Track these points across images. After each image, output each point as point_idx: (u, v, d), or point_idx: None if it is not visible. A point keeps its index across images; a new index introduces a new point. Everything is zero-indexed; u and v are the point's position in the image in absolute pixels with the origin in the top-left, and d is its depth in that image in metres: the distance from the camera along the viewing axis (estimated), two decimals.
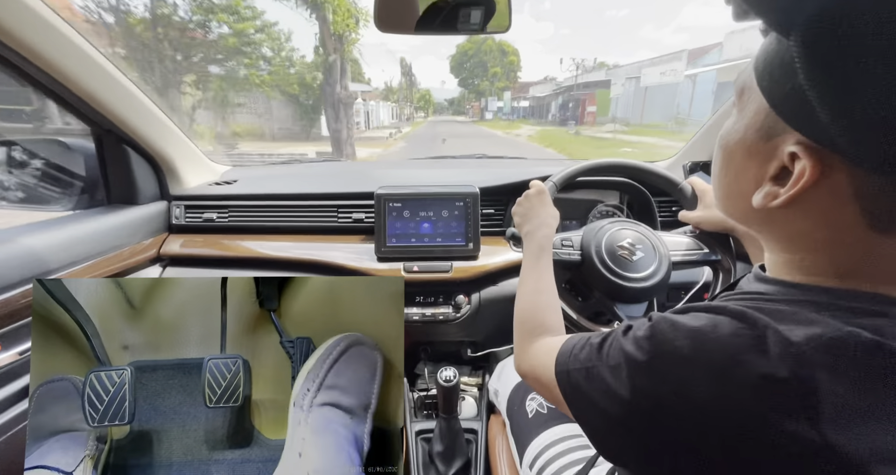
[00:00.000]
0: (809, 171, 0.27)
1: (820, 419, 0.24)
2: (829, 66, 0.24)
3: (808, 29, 0.24)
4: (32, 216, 0.91)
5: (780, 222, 0.33)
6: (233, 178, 1.23)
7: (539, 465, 0.67)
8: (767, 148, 0.31)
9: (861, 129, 0.24)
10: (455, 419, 0.93)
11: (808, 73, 0.25)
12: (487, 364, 1.23)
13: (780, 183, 0.30)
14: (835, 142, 0.26)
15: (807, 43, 0.25)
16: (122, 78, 0.86)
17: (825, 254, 0.31)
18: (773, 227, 0.34)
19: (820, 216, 0.29)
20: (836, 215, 0.29)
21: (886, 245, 0.28)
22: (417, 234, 1.03)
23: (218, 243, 1.09)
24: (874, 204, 0.27)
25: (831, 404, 0.24)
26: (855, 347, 0.25)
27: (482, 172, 1.25)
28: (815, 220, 0.30)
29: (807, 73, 0.25)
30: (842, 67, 0.24)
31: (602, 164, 0.86)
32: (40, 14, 0.68)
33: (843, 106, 0.24)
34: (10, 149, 0.94)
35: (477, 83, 52.63)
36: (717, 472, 0.28)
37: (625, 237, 0.77)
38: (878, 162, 0.25)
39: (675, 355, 0.30)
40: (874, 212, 0.27)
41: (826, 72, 0.24)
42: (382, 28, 0.76)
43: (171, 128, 1.04)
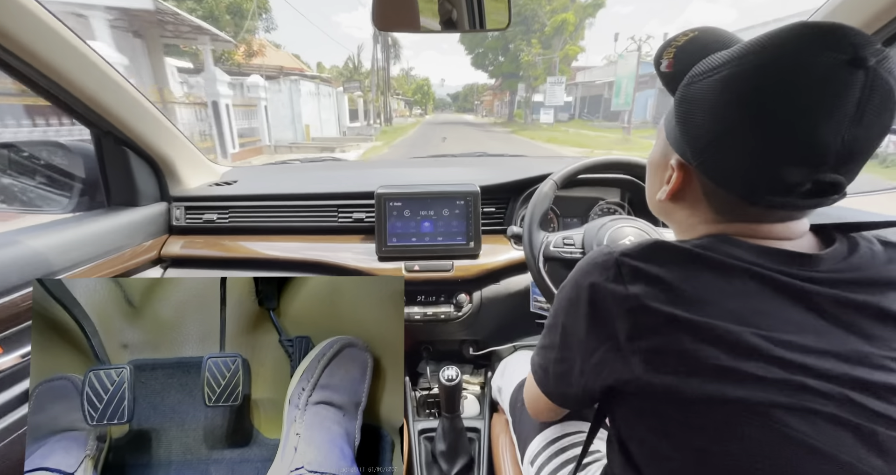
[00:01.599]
0: (676, 176, 0.44)
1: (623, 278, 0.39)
2: (683, 114, 0.40)
3: (677, 95, 0.41)
4: (33, 219, 0.91)
5: (671, 213, 0.49)
6: (233, 179, 1.23)
7: (540, 462, 0.67)
8: (664, 162, 0.46)
9: (698, 152, 0.40)
10: (457, 418, 0.92)
11: (676, 117, 0.41)
12: (489, 363, 1.23)
13: (668, 185, 0.46)
14: (689, 159, 0.41)
15: (676, 102, 0.41)
16: (121, 79, 0.86)
17: (695, 232, 0.45)
18: (668, 215, 0.50)
19: (689, 209, 0.46)
20: (697, 208, 0.44)
21: (725, 224, 0.43)
22: (418, 234, 1.03)
23: (219, 244, 1.09)
24: (715, 199, 0.42)
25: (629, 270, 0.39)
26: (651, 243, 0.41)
27: (483, 171, 1.25)
28: (688, 211, 0.46)
29: (676, 117, 0.41)
30: (686, 115, 0.40)
31: (603, 161, 0.86)
32: (39, 17, 0.68)
33: (688, 138, 0.40)
34: (9, 151, 0.95)
35: (518, 56, 25.25)
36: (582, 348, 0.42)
37: (626, 234, 0.77)
38: (709, 173, 0.40)
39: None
40: (715, 205, 0.42)
41: (681, 117, 0.41)
42: (381, 26, 0.76)
43: (170, 129, 1.04)
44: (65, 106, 0.83)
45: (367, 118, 23.39)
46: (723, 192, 0.40)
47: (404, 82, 52.34)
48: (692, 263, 0.38)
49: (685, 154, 0.42)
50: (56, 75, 0.75)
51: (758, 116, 0.35)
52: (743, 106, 0.35)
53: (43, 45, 0.70)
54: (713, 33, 0.43)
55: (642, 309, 0.37)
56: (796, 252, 0.39)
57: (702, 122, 0.38)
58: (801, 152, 0.35)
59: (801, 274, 0.37)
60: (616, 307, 0.38)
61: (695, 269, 0.38)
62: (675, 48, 0.43)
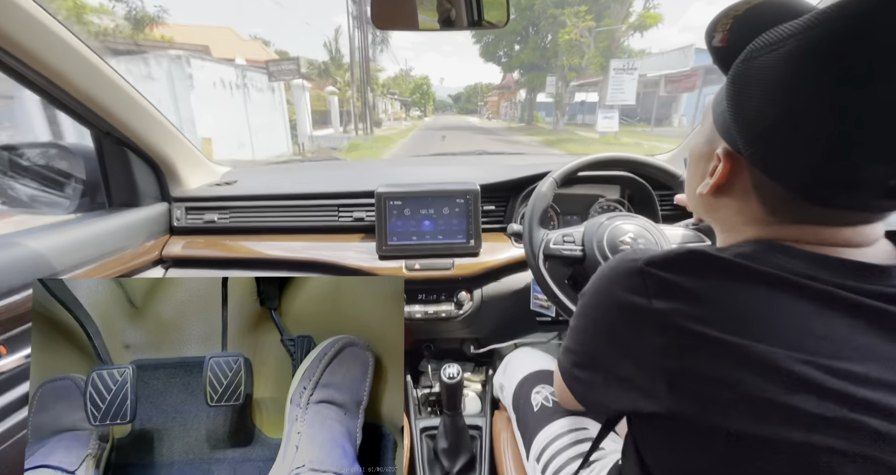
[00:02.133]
0: (723, 167, 0.38)
1: (648, 290, 0.35)
2: (737, 94, 0.34)
3: (731, 72, 0.35)
4: (34, 220, 0.91)
5: (713, 210, 0.44)
6: (233, 179, 1.23)
7: (546, 458, 0.67)
8: (708, 152, 0.41)
9: (752, 139, 0.34)
10: (459, 416, 0.92)
11: (728, 98, 0.35)
12: (490, 360, 1.23)
13: (712, 178, 0.41)
14: (740, 148, 0.36)
15: (729, 80, 0.35)
16: (120, 80, 0.86)
17: (742, 233, 0.41)
18: (710, 213, 0.45)
19: (735, 206, 0.40)
20: (745, 203, 0.39)
21: (777, 227, 0.37)
22: (419, 232, 1.03)
23: (220, 244, 1.09)
24: (767, 195, 0.36)
25: (655, 282, 0.35)
26: (683, 251, 0.36)
27: (482, 169, 1.25)
28: (733, 209, 0.41)
29: (728, 98, 0.35)
30: (741, 96, 0.34)
31: (602, 158, 0.86)
32: (38, 18, 0.68)
33: (742, 123, 0.35)
34: (10, 153, 0.95)
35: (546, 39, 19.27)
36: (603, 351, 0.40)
37: (626, 231, 0.77)
38: (763, 163, 0.35)
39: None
40: (768, 202, 0.37)
41: (735, 98, 0.35)
42: (379, 24, 0.76)
43: (170, 130, 1.04)
44: (64, 106, 0.83)
45: (343, 122, 16.60)
46: (779, 186, 0.34)
47: (402, 81, 49.05)
48: (731, 275, 0.33)
49: (735, 142, 0.36)
50: (55, 76, 0.75)
51: (842, 95, 0.28)
52: (822, 83, 0.29)
53: (41, 46, 0.70)
54: (779, 1, 0.35)
55: (669, 326, 0.33)
56: (865, 263, 0.32)
57: (760, 103, 0.32)
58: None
59: (871, 289, 0.31)
60: (639, 323, 0.35)
61: (734, 283, 0.33)
62: (732, 19, 0.37)
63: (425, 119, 46.10)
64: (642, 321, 0.34)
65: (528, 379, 0.82)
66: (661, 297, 0.34)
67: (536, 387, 0.79)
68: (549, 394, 0.76)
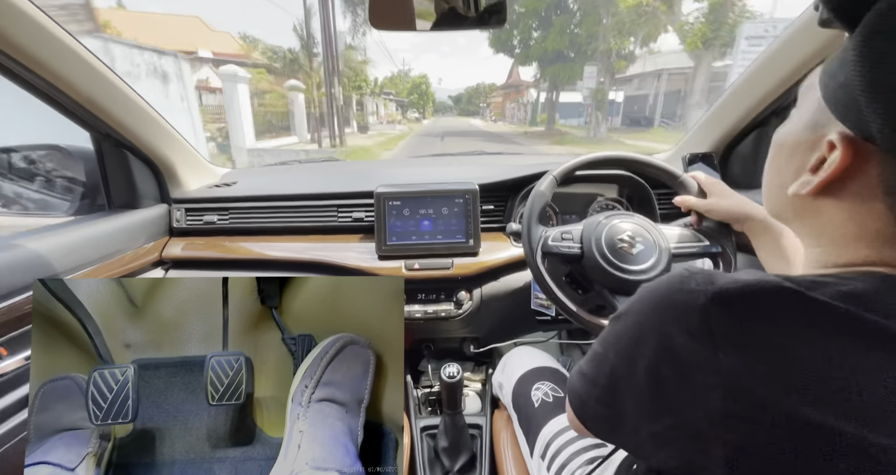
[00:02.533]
0: (841, 158, 0.28)
1: (714, 338, 0.27)
2: (882, 58, 0.24)
3: (868, 23, 0.25)
4: (34, 222, 0.91)
5: (811, 214, 0.33)
6: (232, 180, 1.23)
7: (551, 453, 0.67)
8: (812, 140, 0.31)
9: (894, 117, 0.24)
10: (459, 415, 0.93)
11: (860, 64, 0.25)
12: (490, 360, 1.23)
13: (817, 174, 0.31)
14: (873, 133, 0.26)
15: (865, 36, 0.25)
16: (120, 82, 0.87)
17: (850, 250, 0.31)
18: (803, 219, 0.35)
19: (850, 208, 0.30)
20: (864, 209, 0.29)
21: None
22: (418, 232, 1.03)
23: (219, 245, 1.09)
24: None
25: (724, 325, 0.27)
26: (762, 284, 0.27)
27: (481, 169, 1.25)
28: (843, 216, 0.30)
29: (860, 65, 0.25)
30: (883, 59, 0.24)
31: (601, 157, 0.86)
32: (37, 20, 0.68)
33: (888, 99, 0.25)
34: (9, 155, 0.95)
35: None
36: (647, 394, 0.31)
37: (624, 230, 0.77)
38: None
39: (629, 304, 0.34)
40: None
41: (877, 64, 0.25)
42: (377, 25, 0.76)
43: (169, 131, 1.04)
44: (63, 109, 0.83)
45: (311, 128, 12.33)
46: None
47: (399, 81, 45.95)
48: (833, 328, 0.24)
49: (864, 123, 0.26)
50: (53, 78, 0.75)
51: None
52: None
53: (40, 48, 0.70)
54: None
55: (737, 390, 0.25)
56: None
57: None
58: None
59: None
60: (698, 376, 0.27)
61: (837, 340, 0.24)
62: None
63: (423, 122, 41.62)
64: (703, 375, 0.26)
65: (527, 376, 0.82)
66: (730, 346, 0.26)
67: (536, 384, 0.79)
68: (548, 390, 0.76)
